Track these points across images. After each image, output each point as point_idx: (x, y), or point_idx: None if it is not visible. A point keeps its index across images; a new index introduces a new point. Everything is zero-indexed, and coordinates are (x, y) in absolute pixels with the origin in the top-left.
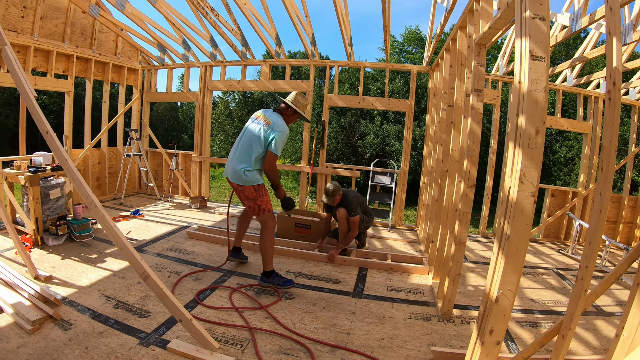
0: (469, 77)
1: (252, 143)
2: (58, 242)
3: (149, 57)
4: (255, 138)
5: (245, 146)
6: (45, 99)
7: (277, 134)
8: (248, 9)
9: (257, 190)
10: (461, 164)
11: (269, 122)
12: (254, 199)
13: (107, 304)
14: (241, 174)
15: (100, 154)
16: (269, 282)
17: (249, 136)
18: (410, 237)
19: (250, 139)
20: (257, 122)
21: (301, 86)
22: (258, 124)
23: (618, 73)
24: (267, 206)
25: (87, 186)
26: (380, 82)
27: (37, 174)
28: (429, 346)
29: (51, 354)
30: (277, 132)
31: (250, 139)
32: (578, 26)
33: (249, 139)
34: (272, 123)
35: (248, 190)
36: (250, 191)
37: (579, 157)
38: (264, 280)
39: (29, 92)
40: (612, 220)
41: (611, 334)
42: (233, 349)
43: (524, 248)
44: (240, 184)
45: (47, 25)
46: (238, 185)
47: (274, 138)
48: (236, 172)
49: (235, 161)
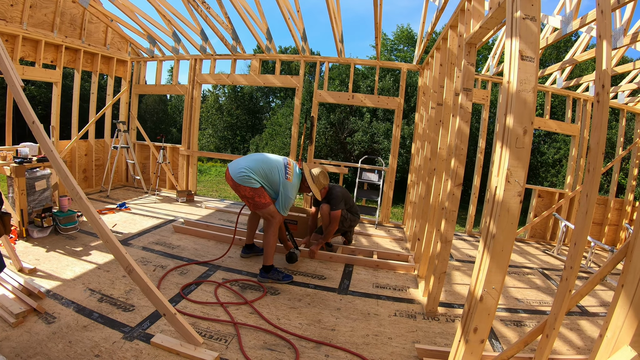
0: (459, 76)
1: (272, 171)
2: (43, 234)
3: (139, 49)
4: (279, 179)
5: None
6: (33, 89)
7: (289, 191)
8: (239, 3)
9: (253, 190)
10: (449, 162)
11: (291, 171)
12: (251, 197)
13: (92, 297)
14: (243, 175)
15: (87, 145)
16: (268, 277)
17: (276, 168)
18: (397, 235)
19: (277, 172)
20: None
21: (291, 81)
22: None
23: (607, 76)
24: (267, 200)
25: (72, 178)
26: (370, 80)
27: (23, 165)
28: (414, 343)
29: (34, 347)
30: (291, 190)
31: (277, 172)
32: (569, 29)
33: (276, 172)
34: (291, 174)
35: (244, 189)
36: (247, 190)
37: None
38: (263, 276)
39: (15, 81)
40: (598, 222)
41: (595, 334)
42: (217, 343)
43: (509, 247)
44: (237, 182)
45: (37, 15)
46: (234, 183)
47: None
48: (244, 174)
49: (247, 162)
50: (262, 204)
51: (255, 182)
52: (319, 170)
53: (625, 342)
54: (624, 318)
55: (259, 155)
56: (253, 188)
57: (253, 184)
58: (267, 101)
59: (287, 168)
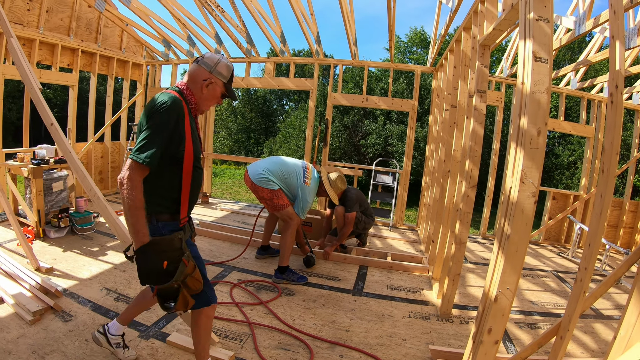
0: (473, 78)
1: (290, 175)
2: (60, 234)
3: (154, 53)
4: (294, 176)
5: (290, 176)
6: (49, 92)
7: (307, 197)
8: (254, 6)
9: (272, 192)
10: (463, 164)
11: (309, 176)
12: (269, 199)
13: (108, 296)
14: (262, 177)
15: (103, 148)
16: (283, 277)
17: (294, 172)
18: (410, 237)
19: (295, 177)
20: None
21: (305, 84)
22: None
23: (621, 76)
24: (285, 202)
25: (90, 179)
26: (384, 82)
27: (41, 167)
28: (428, 345)
29: (51, 344)
30: (304, 200)
31: (296, 177)
32: (582, 29)
33: (295, 176)
34: (310, 178)
35: (262, 191)
36: (265, 192)
37: (581, 161)
38: (278, 277)
39: (34, 84)
40: (613, 225)
41: (609, 337)
42: (232, 343)
43: (523, 248)
44: (255, 184)
45: (53, 19)
46: (252, 184)
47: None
48: (260, 173)
49: (266, 164)
50: (280, 205)
51: (273, 184)
52: (336, 174)
53: (638, 340)
54: (636, 316)
55: (277, 159)
56: (271, 190)
57: (271, 186)
58: (280, 104)
59: (305, 172)
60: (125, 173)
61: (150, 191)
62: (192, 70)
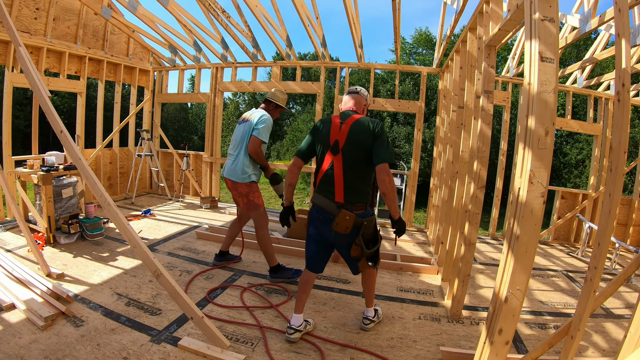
0: (479, 79)
1: (244, 139)
2: (70, 240)
3: (160, 59)
4: (245, 134)
5: (237, 143)
6: (57, 99)
7: (261, 123)
8: (259, 11)
9: (249, 187)
10: (471, 165)
11: (252, 116)
12: (246, 195)
13: (119, 301)
14: (236, 170)
15: (111, 154)
16: (278, 276)
17: (239, 135)
18: (419, 239)
19: (242, 136)
20: (244, 122)
21: (312, 87)
22: (245, 122)
23: (627, 74)
24: (259, 201)
25: (100, 185)
26: (390, 84)
27: (50, 173)
28: (438, 346)
29: (63, 349)
30: (261, 121)
31: (242, 136)
32: (588, 27)
33: (240, 136)
34: (254, 116)
35: (241, 187)
36: (243, 187)
37: (590, 160)
38: (273, 277)
39: (42, 91)
40: (622, 223)
41: (620, 337)
42: (244, 347)
43: (533, 248)
44: (234, 180)
45: (60, 27)
46: (232, 182)
47: (258, 126)
48: (232, 169)
49: (231, 159)
50: (255, 204)
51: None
52: (272, 90)
53: None
54: None
55: (230, 147)
56: (248, 184)
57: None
58: (287, 107)
59: (244, 120)
60: (388, 176)
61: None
62: (357, 99)
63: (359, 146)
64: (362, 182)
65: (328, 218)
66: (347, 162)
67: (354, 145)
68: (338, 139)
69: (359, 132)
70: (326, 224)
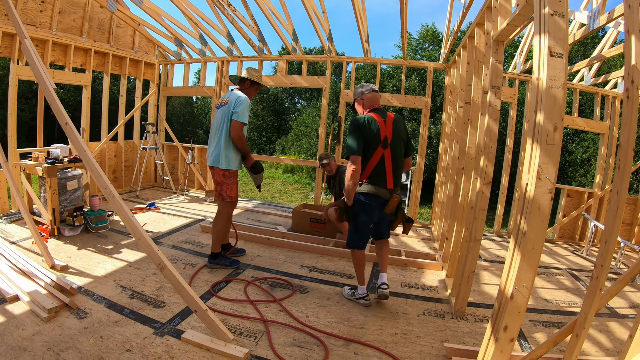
0: (487, 74)
1: (223, 123)
2: (74, 232)
3: (166, 52)
4: (224, 118)
5: (217, 128)
6: (62, 93)
7: (239, 105)
8: (265, 5)
9: (226, 177)
10: (477, 161)
11: (228, 99)
12: (220, 184)
13: (123, 294)
14: (216, 155)
15: (116, 147)
16: (215, 262)
17: (219, 119)
18: (424, 235)
19: (220, 121)
20: (222, 106)
21: (318, 82)
22: (223, 106)
23: (636, 71)
24: (231, 194)
25: (105, 177)
26: (396, 79)
27: (55, 166)
28: (442, 342)
29: (66, 341)
30: (238, 103)
31: (221, 120)
32: (596, 24)
33: (220, 121)
34: (230, 99)
35: (217, 173)
36: (219, 175)
37: (595, 159)
38: (212, 262)
39: (48, 84)
40: (628, 222)
41: (624, 336)
42: (247, 340)
43: (540, 245)
44: (213, 165)
45: (65, 20)
46: (211, 166)
47: (237, 109)
48: (212, 154)
49: (212, 145)
50: (226, 195)
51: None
52: (246, 68)
53: None
54: None
55: (210, 132)
56: (225, 172)
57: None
58: (292, 102)
59: (222, 104)
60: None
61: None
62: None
63: (401, 141)
64: (400, 170)
65: (381, 203)
66: (394, 154)
67: (398, 140)
68: (387, 135)
69: (400, 129)
70: (379, 209)
